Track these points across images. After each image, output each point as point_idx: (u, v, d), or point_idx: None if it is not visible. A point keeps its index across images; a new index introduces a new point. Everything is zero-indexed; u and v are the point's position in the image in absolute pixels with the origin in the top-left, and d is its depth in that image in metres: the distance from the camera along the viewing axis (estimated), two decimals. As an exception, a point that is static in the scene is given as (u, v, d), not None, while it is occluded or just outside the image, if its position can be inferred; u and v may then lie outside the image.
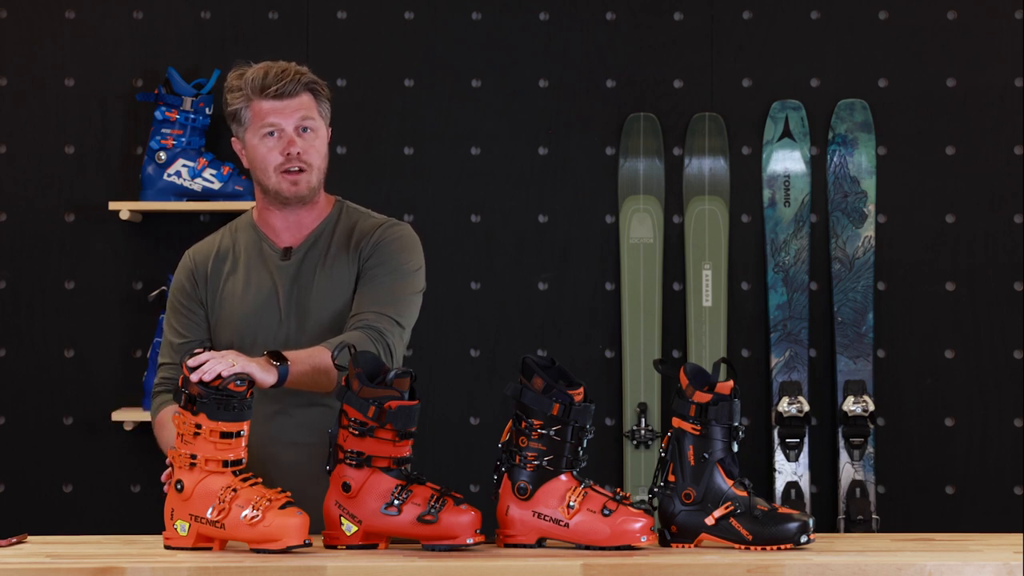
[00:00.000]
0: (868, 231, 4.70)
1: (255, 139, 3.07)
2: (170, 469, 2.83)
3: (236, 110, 3.08)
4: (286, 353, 2.87)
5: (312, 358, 2.90)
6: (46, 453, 4.68)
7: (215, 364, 2.70)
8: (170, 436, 2.96)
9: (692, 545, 2.74)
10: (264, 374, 2.79)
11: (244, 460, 2.72)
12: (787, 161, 4.73)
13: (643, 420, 4.65)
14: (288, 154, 3.06)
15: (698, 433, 2.75)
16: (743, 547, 2.69)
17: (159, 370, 3.19)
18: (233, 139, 3.14)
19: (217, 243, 3.20)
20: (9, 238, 4.70)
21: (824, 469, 4.69)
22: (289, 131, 3.05)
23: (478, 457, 4.46)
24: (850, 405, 4.61)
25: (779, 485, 4.62)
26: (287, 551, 2.62)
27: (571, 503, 2.69)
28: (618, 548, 2.66)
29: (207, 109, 4.58)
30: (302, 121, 3.06)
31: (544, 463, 2.71)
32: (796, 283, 4.69)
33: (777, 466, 4.63)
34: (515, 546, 2.72)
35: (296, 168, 3.06)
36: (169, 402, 3.10)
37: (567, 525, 2.69)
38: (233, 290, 3.13)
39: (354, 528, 2.71)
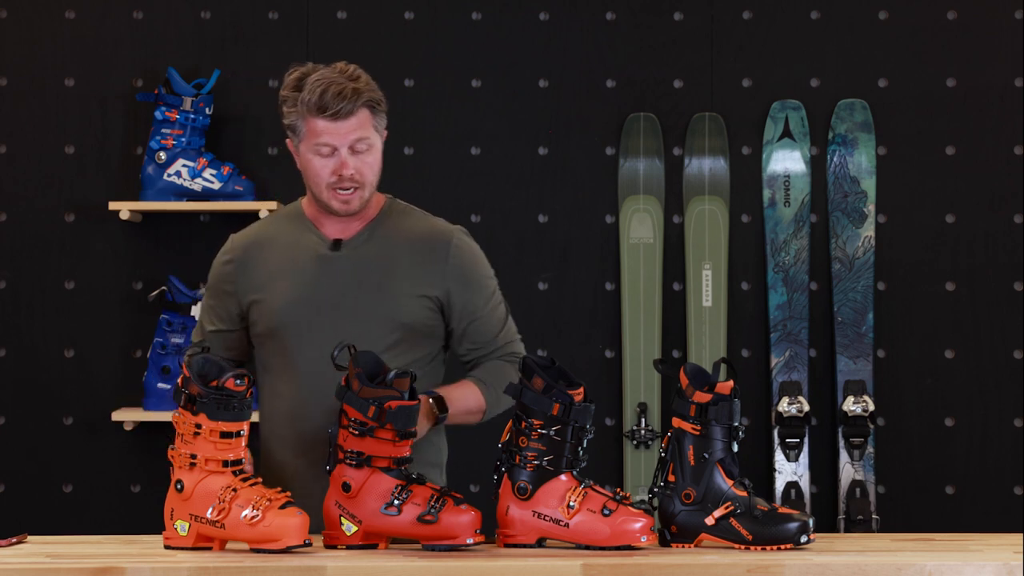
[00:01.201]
0: (868, 231, 4.70)
1: (308, 153, 3.04)
2: None
3: (291, 123, 3.04)
4: (446, 395, 3.00)
5: (466, 402, 3.02)
6: (46, 453, 4.68)
7: None
8: None
9: (692, 545, 2.74)
10: (426, 425, 2.96)
11: (244, 460, 2.72)
12: (787, 161, 4.73)
13: (643, 420, 4.65)
14: (341, 175, 3.03)
15: (698, 433, 2.75)
16: (743, 547, 2.69)
17: (190, 348, 3.16)
18: (287, 140, 3.10)
19: (262, 230, 3.16)
20: (9, 238, 4.70)
21: (824, 469, 4.69)
22: (343, 152, 3.02)
23: (478, 457, 4.46)
24: (850, 405, 4.61)
25: (779, 485, 4.62)
26: (287, 551, 2.62)
27: (571, 503, 2.69)
28: (618, 548, 2.66)
29: (207, 109, 4.57)
30: (356, 142, 3.02)
31: (544, 463, 2.71)
32: (796, 283, 4.69)
33: (777, 466, 4.63)
34: (515, 546, 2.72)
35: (349, 187, 3.04)
36: None
37: (567, 525, 2.69)
38: (273, 279, 3.09)
39: (354, 528, 2.71)
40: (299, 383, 3.03)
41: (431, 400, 2.97)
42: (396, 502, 2.67)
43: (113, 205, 4.54)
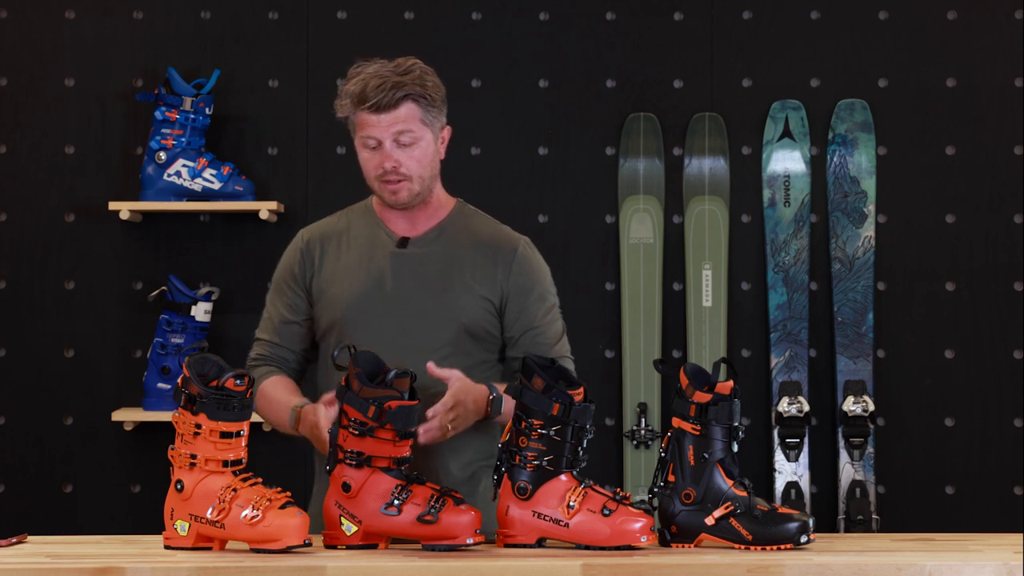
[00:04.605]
0: (868, 231, 4.70)
1: (359, 145, 3.07)
2: (327, 402, 2.82)
3: (344, 116, 3.08)
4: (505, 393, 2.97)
5: (510, 403, 2.96)
6: (46, 453, 4.68)
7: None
8: (275, 405, 3.04)
9: (692, 545, 2.74)
10: (473, 419, 2.95)
11: (244, 460, 2.72)
12: (787, 161, 4.73)
13: (643, 420, 4.65)
14: (384, 167, 3.04)
15: (698, 433, 2.75)
16: (743, 547, 2.69)
17: (255, 345, 3.18)
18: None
19: (331, 225, 3.19)
20: (9, 238, 4.70)
21: (824, 469, 4.69)
22: (386, 144, 3.03)
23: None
24: (850, 405, 4.61)
25: (779, 485, 4.62)
26: (287, 551, 2.62)
27: (571, 503, 2.69)
28: (618, 548, 2.66)
29: (207, 109, 4.57)
30: (398, 135, 3.03)
31: (544, 463, 2.71)
32: (796, 283, 4.69)
33: (777, 466, 4.63)
34: (515, 546, 2.72)
35: (394, 180, 3.05)
36: (269, 374, 3.12)
37: (567, 525, 2.69)
38: (340, 273, 3.11)
39: (354, 528, 2.71)
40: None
41: (491, 397, 2.97)
42: (396, 502, 2.67)
43: (113, 205, 4.54)
